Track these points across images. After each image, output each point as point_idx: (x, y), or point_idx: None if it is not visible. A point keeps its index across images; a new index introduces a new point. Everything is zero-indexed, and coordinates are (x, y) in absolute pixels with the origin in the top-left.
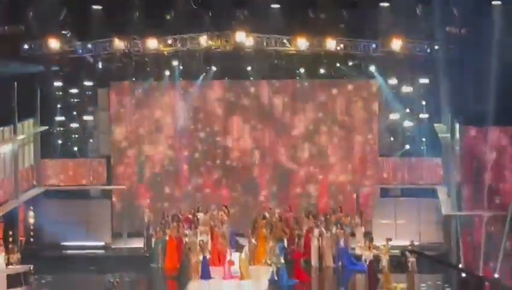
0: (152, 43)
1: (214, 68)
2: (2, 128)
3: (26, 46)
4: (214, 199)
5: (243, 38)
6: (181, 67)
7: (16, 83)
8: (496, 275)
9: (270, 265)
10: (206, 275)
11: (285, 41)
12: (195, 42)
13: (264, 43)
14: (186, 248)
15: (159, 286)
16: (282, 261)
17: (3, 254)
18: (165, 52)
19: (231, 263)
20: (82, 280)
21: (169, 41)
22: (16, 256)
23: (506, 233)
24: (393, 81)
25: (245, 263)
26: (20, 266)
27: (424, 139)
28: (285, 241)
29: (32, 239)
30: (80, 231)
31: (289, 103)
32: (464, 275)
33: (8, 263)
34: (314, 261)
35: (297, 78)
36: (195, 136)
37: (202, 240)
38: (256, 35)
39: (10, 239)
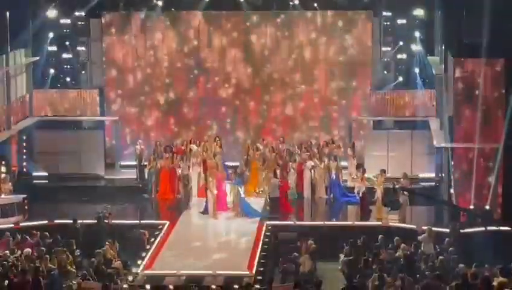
0: None
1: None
2: None
3: None
4: (205, 131)
5: None
6: None
7: (7, 12)
8: (487, 207)
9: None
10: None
11: None
12: None
13: None
14: (184, 180)
15: (151, 215)
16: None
17: None
18: None
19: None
20: (75, 210)
21: None
22: (8, 186)
23: (498, 166)
24: (387, 13)
25: (237, 194)
26: (13, 196)
27: (417, 71)
28: (278, 172)
29: (24, 169)
30: (73, 161)
31: (278, 35)
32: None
33: (0, 193)
34: (306, 193)
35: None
36: (186, 68)
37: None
38: None
39: (2, 169)
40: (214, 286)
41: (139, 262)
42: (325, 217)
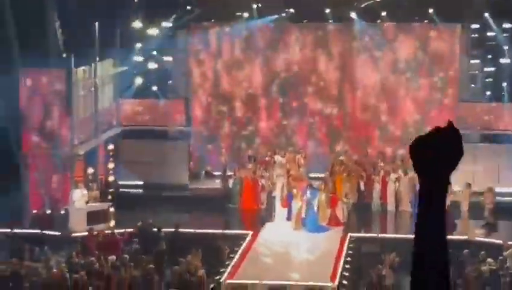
0: None
1: (292, 11)
2: (82, 68)
3: None
4: (290, 143)
5: None
6: (259, 5)
7: (97, 23)
8: None
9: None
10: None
11: None
12: None
13: None
14: (267, 191)
15: (235, 225)
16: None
17: (83, 191)
18: None
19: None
20: (160, 218)
21: None
22: (95, 194)
23: None
24: (475, 25)
25: (323, 205)
26: (100, 204)
27: (504, 85)
28: (362, 185)
29: (110, 178)
30: (158, 170)
31: (372, 46)
32: None
33: (87, 201)
34: (390, 205)
35: (379, 21)
36: (276, 82)
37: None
38: None
39: (90, 177)
40: None
41: (222, 271)
42: (408, 231)
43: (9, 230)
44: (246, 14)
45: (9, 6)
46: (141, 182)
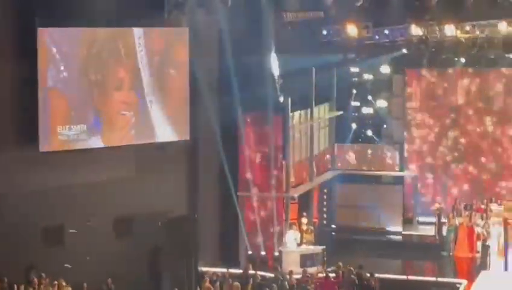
0: (449, 30)
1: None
2: (299, 112)
3: (324, 32)
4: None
5: None
6: (478, 53)
7: (313, 68)
8: None
9: None
10: None
11: None
12: (495, 29)
13: None
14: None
15: (449, 274)
16: None
17: (298, 233)
18: (463, 39)
19: None
20: (371, 263)
21: (468, 28)
22: (309, 237)
23: None
24: None
25: None
26: (313, 247)
27: None
28: None
29: (325, 221)
30: (371, 215)
31: None
32: None
33: (300, 243)
34: None
35: None
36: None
37: None
38: None
39: (304, 220)
40: None
41: None
42: None
43: (225, 270)
44: (462, 60)
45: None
46: (354, 226)
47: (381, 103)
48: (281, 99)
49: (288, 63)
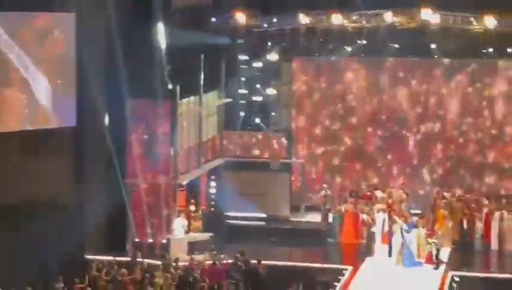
0: (336, 19)
1: (396, 45)
2: (187, 99)
3: (213, 19)
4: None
5: (429, 15)
6: (364, 42)
7: (202, 55)
8: None
9: (431, 244)
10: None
11: (472, 19)
12: (380, 18)
13: (450, 21)
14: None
15: (334, 260)
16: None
17: (185, 221)
18: (349, 28)
19: None
20: (260, 251)
21: (354, 17)
22: (197, 224)
23: None
24: None
25: (422, 241)
26: (201, 234)
27: None
28: (465, 222)
29: (212, 209)
30: (259, 203)
31: (472, 83)
32: None
33: (188, 231)
34: (494, 245)
35: (484, 57)
36: (375, 113)
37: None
38: (443, 13)
39: (192, 207)
40: None
41: None
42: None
43: (112, 258)
44: (349, 49)
45: (118, 35)
46: (243, 213)
47: (270, 91)
48: (170, 86)
49: (176, 50)
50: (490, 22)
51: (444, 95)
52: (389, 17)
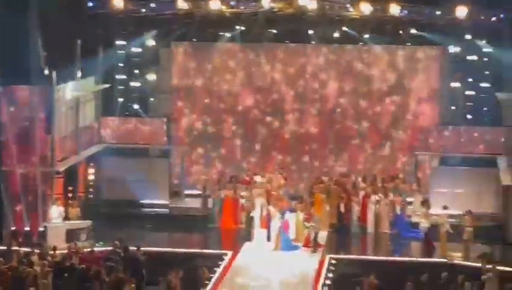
0: (214, 4)
1: (274, 31)
2: (63, 85)
3: (90, 4)
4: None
5: (306, 1)
6: (242, 28)
7: (79, 40)
8: None
9: (309, 228)
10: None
11: (348, 5)
12: (258, 4)
13: (327, 7)
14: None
15: (214, 245)
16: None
17: (62, 208)
18: (228, 14)
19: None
20: (140, 237)
21: (232, 3)
22: (75, 211)
23: None
24: (456, 49)
25: (301, 225)
26: (79, 222)
27: (485, 109)
28: (342, 206)
29: (91, 195)
30: (138, 189)
31: (350, 68)
32: None
33: (67, 218)
34: (370, 227)
35: (361, 43)
36: (256, 100)
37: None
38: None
39: (70, 195)
40: None
41: None
42: (388, 253)
43: None
44: (228, 34)
45: None
46: (122, 200)
47: (149, 76)
48: (46, 72)
49: (53, 35)
50: (366, 8)
51: (322, 80)
52: (266, 3)
